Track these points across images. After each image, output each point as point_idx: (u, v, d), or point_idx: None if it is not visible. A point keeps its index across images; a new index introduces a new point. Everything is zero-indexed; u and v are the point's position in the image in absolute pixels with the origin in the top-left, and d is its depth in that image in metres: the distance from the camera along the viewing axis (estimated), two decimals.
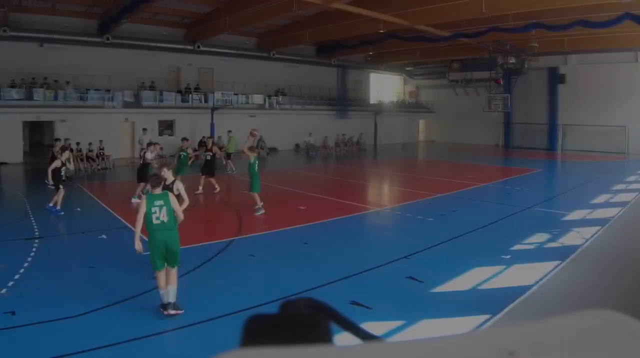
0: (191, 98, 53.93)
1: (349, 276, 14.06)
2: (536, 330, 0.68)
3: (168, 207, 11.93)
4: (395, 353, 0.68)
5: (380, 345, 0.74)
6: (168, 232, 11.83)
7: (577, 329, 0.67)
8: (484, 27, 43.71)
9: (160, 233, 11.72)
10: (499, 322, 10.93)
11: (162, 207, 11.86)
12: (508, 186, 33.58)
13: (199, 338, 10.29)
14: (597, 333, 0.66)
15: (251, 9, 43.30)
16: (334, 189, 31.88)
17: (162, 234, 11.73)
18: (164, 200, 11.98)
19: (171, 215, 11.99)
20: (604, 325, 0.68)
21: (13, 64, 43.72)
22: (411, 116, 79.54)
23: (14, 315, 11.02)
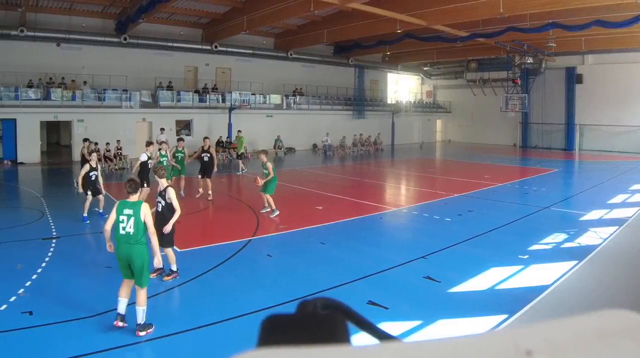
0: (208, 98, 53.91)
1: (366, 276, 14.04)
2: (553, 329, 0.67)
3: (137, 218, 10.93)
4: (412, 354, 0.67)
5: (397, 345, 0.72)
6: (131, 246, 10.77)
7: (594, 329, 0.66)
8: (501, 27, 43.73)
9: (124, 246, 10.82)
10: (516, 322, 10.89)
11: (130, 217, 10.92)
12: (525, 186, 33.49)
13: (217, 338, 10.28)
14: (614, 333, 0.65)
15: (268, 9, 43.40)
16: (351, 189, 31.77)
17: (125, 247, 10.81)
18: (134, 210, 11.01)
19: (139, 227, 10.91)
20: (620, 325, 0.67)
21: (30, 64, 43.93)
22: (428, 116, 79.37)
23: (31, 315, 11.04)
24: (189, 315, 11.36)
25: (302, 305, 0.94)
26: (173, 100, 51.64)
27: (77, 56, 47.28)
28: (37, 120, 44.41)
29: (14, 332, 10.24)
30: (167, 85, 52.05)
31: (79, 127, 45.46)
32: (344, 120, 64.66)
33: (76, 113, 45.60)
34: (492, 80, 69.95)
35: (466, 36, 48.50)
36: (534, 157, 54.05)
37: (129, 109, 47.94)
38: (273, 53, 60.62)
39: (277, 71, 60.63)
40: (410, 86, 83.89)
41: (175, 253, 15.76)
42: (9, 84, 42.87)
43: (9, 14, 42.28)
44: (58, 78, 45.97)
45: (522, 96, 60.73)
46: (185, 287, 13.20)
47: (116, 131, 44.41)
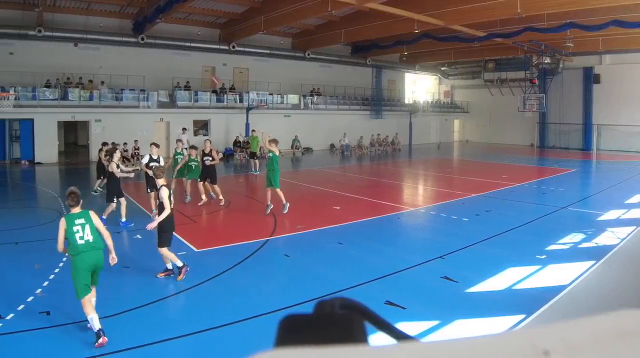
0: (226, 98, 54.02)
1: (384, 276, 14.03)
2: (571, 330, 0.67)
3: (91, 225, 11.05)
4: (430, 354, 0.68)
5: (415, 345, 0.73)
6: (97, 251, 11.03)
7: (611, 329, 0.66)
8: (519, 27, 43.64)
9: (88, 255, 10.82)
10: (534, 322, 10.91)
11: (84, 225, 10.96)
12: (543, 186, 33.35)
13: (234, 338, 10.30)
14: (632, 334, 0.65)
15: (286, 9, 43.53)
16: (368, 189, 31.72)
17: (90, 255, 10.86)
18: (85, 218, 11.11)
19: (96, 233, 11.07)
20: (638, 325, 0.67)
21: (48, 64, 44.26)
22: (446, 116, 79.37)
23: (49, 315, 11.13)
24: (206, 315, 11.35)
25: (319, 305, 0.95)
26: (190, 100, 51.77)
27: (95, 56, 47.55)
28: (54, 120, 44.61)
29: (32, 332, 10.31)
30: (184, 85, 52.19)
31: (97, 127, 45.75)
32: (361, 120, 64.62)
33: (94, 113, 45.84)
34: (509, 80, 70.06)
35: (484, 36, 48.42)
36: (551, 157, 53.89)
37: (146, 109, 48.19)
38: (290, 53, 60.74)
39: (295, 71, 60.74)
40: (427, 86, 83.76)
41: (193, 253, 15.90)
42: (27, 84, 43.09)
43: (26, 14, 42.55)
44: (75, 78, 46.23)
45: (540, 96, 60.63)
46: (202, 287, 13.21)
47: (133, 131, 44.55)
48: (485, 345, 0.67)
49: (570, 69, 63.03)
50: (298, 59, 61.26)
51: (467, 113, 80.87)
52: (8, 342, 9.82)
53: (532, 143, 68.83)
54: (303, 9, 42.01)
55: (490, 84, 74.32)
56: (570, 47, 52.66)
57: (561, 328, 0.68)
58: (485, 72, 74.60)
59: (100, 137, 40.64)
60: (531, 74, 61.94)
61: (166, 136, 48.76)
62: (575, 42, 52.48)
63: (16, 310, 11.31)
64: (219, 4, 47.53)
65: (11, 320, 10.78)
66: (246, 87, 56.91)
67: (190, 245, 17.34)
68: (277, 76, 58.79)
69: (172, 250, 15.21)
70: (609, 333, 0.65)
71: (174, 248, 15.62)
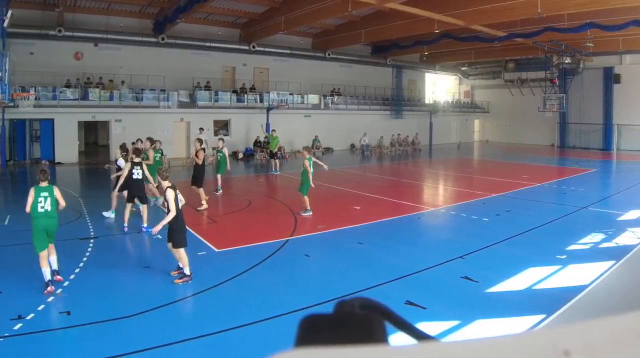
0: (246, 98, 54.03)
1: (404, 276, 14.06)
2: (591, 330, 0.67)
3: (52, 198, 13.77)
4: (450, 354, 0.68)
5: (435, 345, 0.73)
6: (50, 219, 13.70)
7: (631, 329, 0.66)
8: (539, 27, 43.55)
9: (42, 220, 13.53)
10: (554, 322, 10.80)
11: (46, 198, 13.71)
12: (563, 186, 33.30)
13: (255, 338, 10.33)
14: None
15: (306, 9, 43.50)
16: (388, 189, 31.72)
17: (44, 221, 13.55)
18: (49, 192, 13.81)
19: (54, 205, 13.79)
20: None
21: (68, 64, 44.49)
22: (466, 116, 79.17)
23: (69, 315, 11.18)
24: (226, 315, 11.40)
25: (339, 305, 0.96)
26: (211, 100, 51.72)
27: (115, 56, 47.69)
28: (74, 120, 44.70)
29: (52, 332, 10.41)
30: (204, 85, 52.23)
31: (117, 127, 45.90)
32: (381, 120, 64.47)
33: (114, 113, 46.01)
34: (530, 80, 70.03)
35: (504, 36, 48.34)
36: (571, 157, 53.72)
37: (166, 109, 48.23)
38: (311, 53, 60.69)
39: (315, 71, 60.71)
40: (448, 86, 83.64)
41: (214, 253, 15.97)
42: (47, 84, 43.31)
43: (46, 14, 42.74)
44: (96, 78, 46.40)
45: (560, 96, 60.43)
46: (222, 287, 13.25)
47: (154, 131, 44.54)
48: (506, 345, 0.67)
49: (591, 69, 62.85)
50: (318, 59, 61.21)
51: (488, 113, 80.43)
52: (29, 342, 9.88)
53: (552, 143, 68.55)
54: (323, 9, 42.02)
55: (510, 84, 74.04)
56: (590, 47, 52.50)
57: (581, 329, 0.67)
58: (505, 72, 74.51)
59: (120, 137, 40.80)
60: (551, 74, 61.88)
61: (187, 136, 48.90)
62: (596, 42, 52.28)
63: (37, 310, 11.37)
64: (239, 4, 47.52)
65: (32, 320, 10.84)
66: (266, 87, 56.88)
67: (210, 245, 17.37)
68: (298, 76, 58.73)
69: (194, 249, 15.40)
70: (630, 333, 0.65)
71: (194, 248, 15.78)
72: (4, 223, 21.04)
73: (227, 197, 27.65)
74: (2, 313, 11.15)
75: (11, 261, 15.50)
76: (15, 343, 9.81)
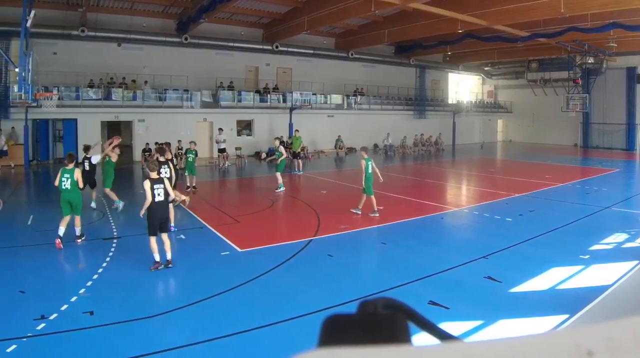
0: (269, 98, 54.09)
1: (427, 276, 14.07)
2: (614, 330, 0.67)
3: (72, 179, 17.59)
4: (473, 353, 0.68)
5: (459, 345, 0.74)
6: (70, 194, 17.62)
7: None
8: (562, 27, 43.45)
9: (64, 194, 17.66)
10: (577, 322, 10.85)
11: (68, 178, 17.60)
12: (586, 186, 33.17)
13: (278, 338, 10.33)
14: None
15: (329, 9, 43.59)
16: (412, 189, 31.74)
17: (65, 195, 17.62)
18: (71, 174, 17.63)
19: (73, 184, 17.65)
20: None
21: (91, 64, 44.81)
22: (489, 116, 78.98)
23: (92, 315, 11.21)
24: (250, 315, 11.40)
25: (363, 305, 0.96)
26: (234, 100, 51.80)
27: (138, 56, 48.00)
28: (97, 120, 44.95)
29: (75, 331, 10.39)
30: (227, 85, 52.37)
31: (140, 127, 46.23)
32: (404, 120, 64.41)
33: (137, 113, 46.30)
34: (553, 80, 69.79)
35: (527, 36, 48.23)
36: (594, 157, 53.44)
37: (189, 109, 48.42)
38: (334, 53, 60.67)
39: (338, 71, 60.72)
40: (471, 86, 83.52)
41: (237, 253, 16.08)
42: (70, 84, 43.70)
43: (69, 14, 43.02)
44: (119, 78, 46.74)
45: (583, 96, 60.47)
46: (246, 287, 13.26)
47: (177, 131, 44.74)
48: (529, 345, 0.67)
49: (614, 69, 62.50)
50: (341, 59, 61.16)
51: (511, 113, 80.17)
52: (52, 342, 9.93)
53: (575, 143, 68.17)
54: (346, 9, 42.03)
55: (533, 83, 73.81)
56: (613, 47, 52.40)
57: (605, 329, 0.67)
58: (528, 72, 74.15)
59: (143, 137, 41.14)
60: (574, 74, 61.87)
61: (209, 136, 48.98)
62: (619, 42, 52.17)
63: (60, 310, 11.40)
64: (263, 4, 47.60)
65: (55, 320, 10.88)
66: (289, 87, 57.05)
67: (233, 245, 17.42)
68: (321, 76, 58.81)
69: (217, 249, 15.58)
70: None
71: (217, 248, 16.01)
72: (26, 223, 21.26)
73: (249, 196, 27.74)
74: (25, 313, 11.22)
75: (34, 261, 15.59)
76: (38, 344, 9.86)
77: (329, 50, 60.48)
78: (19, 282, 13.37)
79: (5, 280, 13.56)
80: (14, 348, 9.55)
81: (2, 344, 9.63)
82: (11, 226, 20.93)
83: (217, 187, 34.56)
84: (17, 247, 17.38)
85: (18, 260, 15.75)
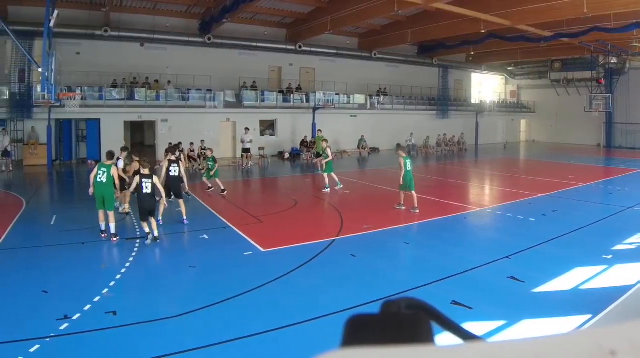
0: (292, 98, 54.16)
1: (450, 276, 14.07)
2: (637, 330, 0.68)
3: (108, 173, 18.25)
4: (496, 353, 0.69)
5: (482, 345, 0.75)
6: (103, 187, 18.21)
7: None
8: (585, 27, 43.28)
9: (98, 188, 18.26)
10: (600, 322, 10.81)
11: (104, 173, 18.27)
12: (609, 186, 33.07)
13: (301, 338, 10.35)
14: None
15: (352, 9, 43.66)
16: (435, 189, 31.56)
17: (99, 189, 18.24)
18: (107, 169, 18.37)
19: (109, 179, 18.27)
20: None
21: (114, 64, 45.09)
22: (512, 116, 78.80)
23: (116, 315, 11.23)
24: (272, 315, 11.42)
25: (386, 305, 0.98)
26: (257, 100, 51.99)
27: (161, 56, 48.28)
28: (121, 120, 45.28)
29: (98, 331, 10.42)
30: (251, 85, 52.51)
31: (163, 127, 46.36)
32: (427, 120, 64.44)
33: (160, 113, 46.49)
34: (576, 80, 69.75)
35: (550, 36, 48.17)
36: (617, 157, 53.28)
37: (213, 109, 48.49)
38: (357, 53, 60.63)
39: (361, 71, 60.75)
40: (494, 86, 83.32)
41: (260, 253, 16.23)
42: (93, 84, 43.97)
43: (93, 14, 43.29)
44: (142, 78, 47.10)
45: (606, 96, 60.19)
46: (268, 287, 13.28)
47: (200, 131, 44.93)
48: (552, 345, 0.67)
49: (637, 69, 62.47)
50: (365, 59, 61.13)
51: (534, 113, 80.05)
52: (75, 342, 9.96)
53: (598, 143, 68.06)
54: (369, 9, 42.07)
55: (556, 83, 73.72)
56: (637, 47, 52.25)
57: (628, 328, 0.68)
58: (551, 72, 74.07)
59: (167, 137, 41.23)
60: (598, 74, 61.76)
61: (233, 136, 49.21)
62: None
63: (83, 310, 11.44)
64: (286, 4, 47.65)
65: (78, 320, 10.92)
66: (312, 87, 57.11)
67: (256, 245, 17.46)
68: (344, 76, 58.84)
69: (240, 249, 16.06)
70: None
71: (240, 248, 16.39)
72: (50, 223, 21.36)
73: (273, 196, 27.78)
74: (48, 313, 11.26)
75: (57, 261, 15.64)
76: (61, 344, 9.90)
77: (352, 50, 60.42)
78: (43, 282, 13.43)
79: (28, 280, 13.62)
80: (37, 348, 9.59)
81: (26, 344, 9.69)
82: (35, 226, 20.99)
83: (241, 187, 34.62)
84: (41, 247, 17.46)
85: (41, 260, 15.79)
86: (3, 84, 41.79)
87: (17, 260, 15.72)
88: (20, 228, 20.15)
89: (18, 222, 21.13)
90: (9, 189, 31.09)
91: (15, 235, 18.94)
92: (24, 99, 41.18)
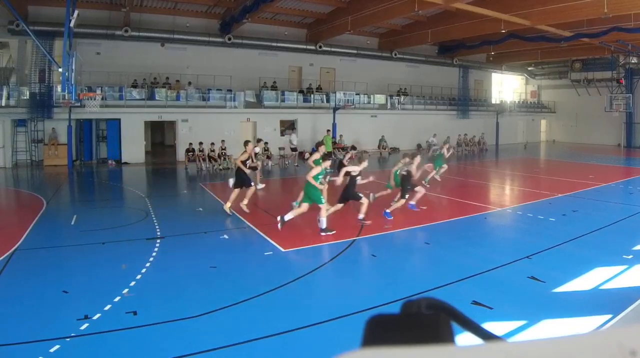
0: (313, 98, 54.24)
1: (470, 276, 14.09)
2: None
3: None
4: (517, 353, 0.69)
5: (502, 345, 0.75)
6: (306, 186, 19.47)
7: None
8: (605, 27, 43.20)
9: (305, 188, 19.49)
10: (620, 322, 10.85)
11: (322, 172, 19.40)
12: (630, 186, 32.92)
13: (321, 338, 10.36)
14: None
15: (372, 9, 43.79)
16: (455, 189, 31.62)
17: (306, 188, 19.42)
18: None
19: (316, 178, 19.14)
20: None
21: (134, 64, 45.43)
22: (532, 116, 78.67)
23: (136, 315, 11.25)
24: (293, 315, 11.44)
25: (406, 305, 0.99)
26: (277, 100, 52.09)
27: (181, 56, 48.62)
28: (141, 120, 45.50)
29: (119, 332, 10.44)
30: (271, 85, 52.72)
31: (184, 127, 46.54)
32: (447, 120, 64.49)
33: (180, 113, 46.68)
34: (596, 80, 69.74)
35: (570, 36, 48.18)
36: (638, 157, 53.22)
37: (233, 109, 48.74)
38: (377, 53, 60.74)
39: (381, 71, 60.98)
40: (514, 86, 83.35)
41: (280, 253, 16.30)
42: (114, 83, 44.27)
43: (113, 14, 43.70)
44: (162, 78, 47.31)
45: (627, 96, 60.12)
46: (289, 287, 13.29)
47: (220, 131, 45.04)
48: (572, 345, 0.68)
49: None
50: (385, 59, 61.28)
51: (554, 113, 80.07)
52: (95, 342, 9.98)
53: (619, 143, 68.00)
54: (389, 9, 42.22)
55: (577, 83, 73.67)
56: None
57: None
58: (572, 72, 74.14)
59: (187, 137, 41.48)
60: (618, 74, 61.81)
61: (253, 136, 48.88)
62: None
63: (103, 310, 11.46)
64: (306, 4, 47.91)
65: (98, 320, 10.94)
66: (333, 87, 57.14)
67: (277, 245, 17.47)
68: (364, 76, 59.06)
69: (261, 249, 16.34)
70: None
71: (260, 248, 16.64)
72: (70, 223, 21.37)
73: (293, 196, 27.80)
74: (68, 313, 11.28)
75: (78, 261, 15.68)
76: (81, 344, 9.91)
77: (373, 50, 60.55)
78: (63, 282, 13.45)
79: (49, 280, 13.67)
80: (57, 348, 9.62)
81: (46, 344, 9.71)
82: (55, 226, 21.08)
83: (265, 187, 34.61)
84: (61, 247, 17.53)
85: (62, 260, 15.86)
86: (23, 84, 42.08)
87: (38, 260, 15.75)
88: (41, 228, 20.23)
89: (38, 222, 21.23)
90: (29, 189, 31.16)
91: (36, 235, 19.03)
92: (44, 99, 41.35)
